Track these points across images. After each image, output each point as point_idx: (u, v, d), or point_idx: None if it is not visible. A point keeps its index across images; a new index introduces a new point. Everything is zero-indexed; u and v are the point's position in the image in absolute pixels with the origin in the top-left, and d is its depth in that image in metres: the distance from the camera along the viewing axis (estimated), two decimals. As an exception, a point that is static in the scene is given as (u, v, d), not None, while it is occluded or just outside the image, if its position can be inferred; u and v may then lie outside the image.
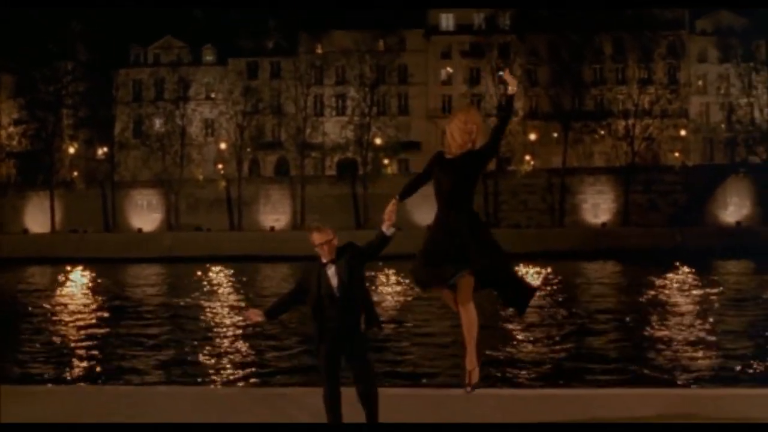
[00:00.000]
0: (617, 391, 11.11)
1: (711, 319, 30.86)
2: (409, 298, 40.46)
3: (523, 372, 21.23)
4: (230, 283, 50.44)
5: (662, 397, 9.68)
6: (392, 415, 7.87)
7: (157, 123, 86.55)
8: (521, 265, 59.23)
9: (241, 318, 32.81)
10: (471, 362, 7.17)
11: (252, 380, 20.38)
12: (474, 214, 7.41)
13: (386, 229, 7.67)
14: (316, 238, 7.76)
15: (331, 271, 7.74)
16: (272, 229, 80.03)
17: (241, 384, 19.58)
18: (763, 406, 9.07)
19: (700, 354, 23.62)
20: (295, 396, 9.83)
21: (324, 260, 7.77)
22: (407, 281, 49.39)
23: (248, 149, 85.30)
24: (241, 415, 8.92)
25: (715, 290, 42.37)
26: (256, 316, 7.92)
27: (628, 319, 31.61)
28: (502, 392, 10.68)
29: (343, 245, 7.82)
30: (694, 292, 42.41)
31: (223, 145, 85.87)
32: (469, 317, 7.23)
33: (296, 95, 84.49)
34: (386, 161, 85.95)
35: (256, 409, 9.11)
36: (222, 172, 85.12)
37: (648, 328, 28.93)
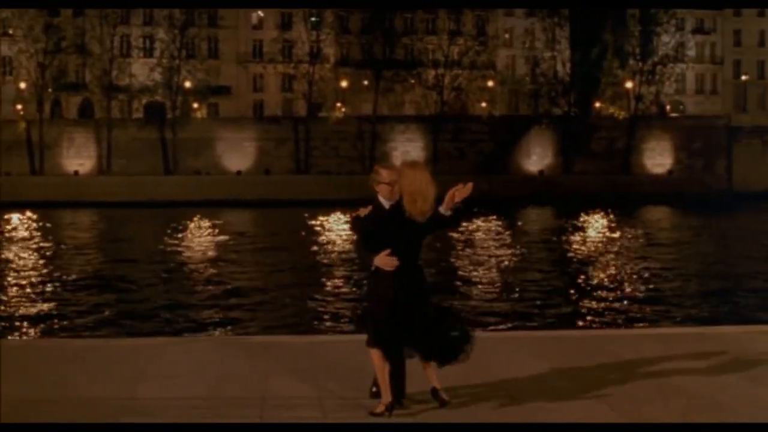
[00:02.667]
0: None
1: (513, 263, 31.93)
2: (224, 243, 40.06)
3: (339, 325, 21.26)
4: (33, 231, 48.36)
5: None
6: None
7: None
8: (331, 212, 59.56)
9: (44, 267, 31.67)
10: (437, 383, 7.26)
11: (56, 327, 19.70)
12: None
13: (444, 209, 7.21)
14: (386, 175, 7.23)
15: (392, 215, 7.21)
16: (76, 173, 77.16)
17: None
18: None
19: (504, 298, 24.33)
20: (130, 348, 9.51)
21: (389, 201, 7.21)
22: (218, 228, 48.80)
23: (50, 90, 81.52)
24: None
25: (519, 236, 43.91)
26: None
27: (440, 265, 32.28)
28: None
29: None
30: (500, 237, 43.77)
31: (22, 85, 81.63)
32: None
33: (101, 35, 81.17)
34: (196, 105, 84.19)
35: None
36: (22, 113, 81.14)
37: (455, 274, 29.62)
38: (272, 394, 7.59)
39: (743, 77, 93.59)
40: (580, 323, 19.99)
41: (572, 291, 25.41)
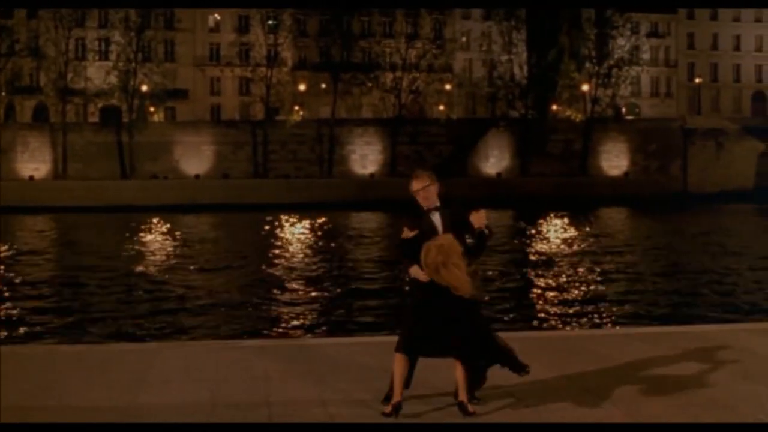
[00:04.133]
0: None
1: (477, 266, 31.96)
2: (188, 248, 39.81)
3: (302, 325, 21.19)
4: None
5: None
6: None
7: None
8: (290, 215, 59.43)
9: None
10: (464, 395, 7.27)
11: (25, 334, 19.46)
12: None
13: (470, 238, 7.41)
14: (414, 185, 7.43)
15: (435, 217, 7.36)
16: (31, 178, 76.21)
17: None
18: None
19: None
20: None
21: (424, 206, 7.38)
22: (177, 233, 48.45)
23: (3, 93, 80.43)
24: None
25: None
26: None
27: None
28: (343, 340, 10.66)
29: (455, 201, 7.48)
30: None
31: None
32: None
33: (56, 37, 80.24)
34: (152, 109, 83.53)
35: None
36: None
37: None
38: (277, 397, 7.57)
39: (697, 80, 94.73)
40: (555, 324, 20.11)
41: (539, 292, 25.58)
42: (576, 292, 25.51)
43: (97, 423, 6.91)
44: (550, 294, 25.16)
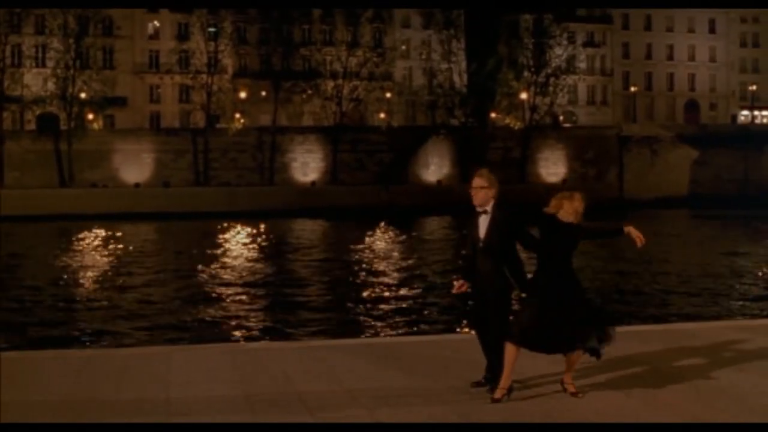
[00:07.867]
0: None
1: (414, 273, 32.39)
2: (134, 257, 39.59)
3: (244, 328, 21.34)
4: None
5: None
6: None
7: None
8: (232, 223, 59.27)
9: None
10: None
11: None
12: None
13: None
14: (473, 182, 8.11)
15: (482, 219, 7.99)
16: (-32, 187, 74.89)
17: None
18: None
19: (404, 305, 24.70)
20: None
21: (474, 205, 8.04)
22: (120, 241, 48.09)
23: (-63, 101, 78.95)
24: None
25: (416, 244, 44.46)
26: (461, 286, 8.12)
27: (337, 274, 32.65)
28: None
29: (512, 206, 8.11)
30: (398, 247, 44.25)
31: None
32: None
33: (-8, 44, 78.91)
34: (91, 116, 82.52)
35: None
36: None
37: (354, 283, 30.00)
38: (307, 393, 7.78)
39: (632, 88, 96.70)
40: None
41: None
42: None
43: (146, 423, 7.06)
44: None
